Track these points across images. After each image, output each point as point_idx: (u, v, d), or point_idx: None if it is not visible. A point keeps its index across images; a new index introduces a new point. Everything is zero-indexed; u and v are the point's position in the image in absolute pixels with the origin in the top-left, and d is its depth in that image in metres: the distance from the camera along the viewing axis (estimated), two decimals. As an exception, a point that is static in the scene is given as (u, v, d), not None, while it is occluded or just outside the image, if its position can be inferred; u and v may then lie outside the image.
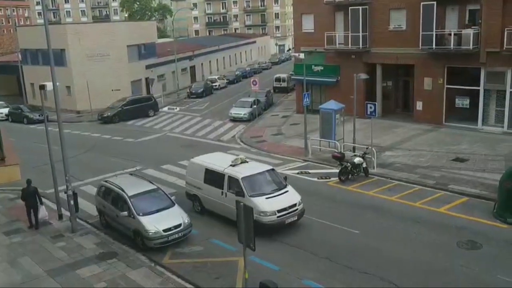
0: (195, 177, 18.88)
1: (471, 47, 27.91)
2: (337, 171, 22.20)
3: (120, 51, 47.54)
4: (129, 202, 16.45)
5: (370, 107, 24.00)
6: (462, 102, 30.17)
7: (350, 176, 21.94)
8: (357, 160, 22.10)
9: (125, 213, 16.35)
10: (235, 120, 37.92)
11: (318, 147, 26.89)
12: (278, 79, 52.83)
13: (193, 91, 52.45)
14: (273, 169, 18.40)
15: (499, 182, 17.35)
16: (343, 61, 34.63)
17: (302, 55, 28.10)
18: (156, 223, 15.90)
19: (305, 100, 26.69)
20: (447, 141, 27.28)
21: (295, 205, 16.94)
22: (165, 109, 45.63)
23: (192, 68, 63.30)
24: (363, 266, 14.22)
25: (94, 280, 14.21)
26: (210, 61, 68.94)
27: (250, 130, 34.58)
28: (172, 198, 17.72)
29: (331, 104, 27.25)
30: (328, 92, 35.20)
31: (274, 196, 16.89)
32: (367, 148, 23.33)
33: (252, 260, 14.09)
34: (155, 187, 17.75)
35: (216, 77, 60.52)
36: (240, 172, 17.36)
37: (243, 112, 38.17)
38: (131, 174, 20.29)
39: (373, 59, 33.55)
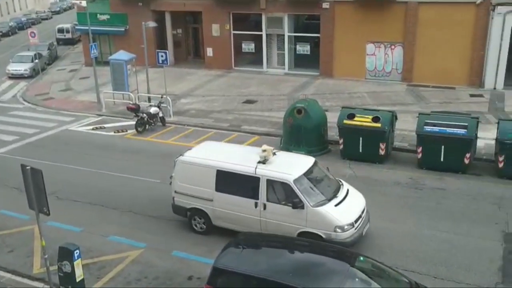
0: (197, 184, 13.01)
1: (251, -7, 29.42)
2: (134, 123, 21.81)
3: None
4: None
5: (162, 56, 23.85)
6: (248, 47, 31.99)
7: (147, 127, 21.79)
8: (153, 110, 22.01)
9: None
10: (15, 77, 34.06)
11: (111, 100, 25.89)
12: (61, 30, 48.67)
13: (-42, 47, 45.37)
14: (316, 161, 13.15)
15: (283, 119, 19.08)
16: (130, 9, 33.35)
17: (84, 3, 26.25)
18: None
19: (92, 51, 25.21)
20: (237, 85, 28.77)
21: (364, 208, 12.57)
22: None
23: (-47, 19, 54.30)
24: (166, 213, 14.39)
25: None
26: (-25, 11, 59.93)
27: (33, 87, 31.50)
28: None
29: (121, 55, 26.40)
30: (118, 42, 33.78)
31: (341, 201, 12.18)
32: (161, 97, 23.25)
33: (51, 225, 13.16)
34: None
35: (-14, 29, 53.12)
36: (287, 172, 12.05)
37: (23, 68, 34.40)
38: None
39: (161, 7, 33.01)
